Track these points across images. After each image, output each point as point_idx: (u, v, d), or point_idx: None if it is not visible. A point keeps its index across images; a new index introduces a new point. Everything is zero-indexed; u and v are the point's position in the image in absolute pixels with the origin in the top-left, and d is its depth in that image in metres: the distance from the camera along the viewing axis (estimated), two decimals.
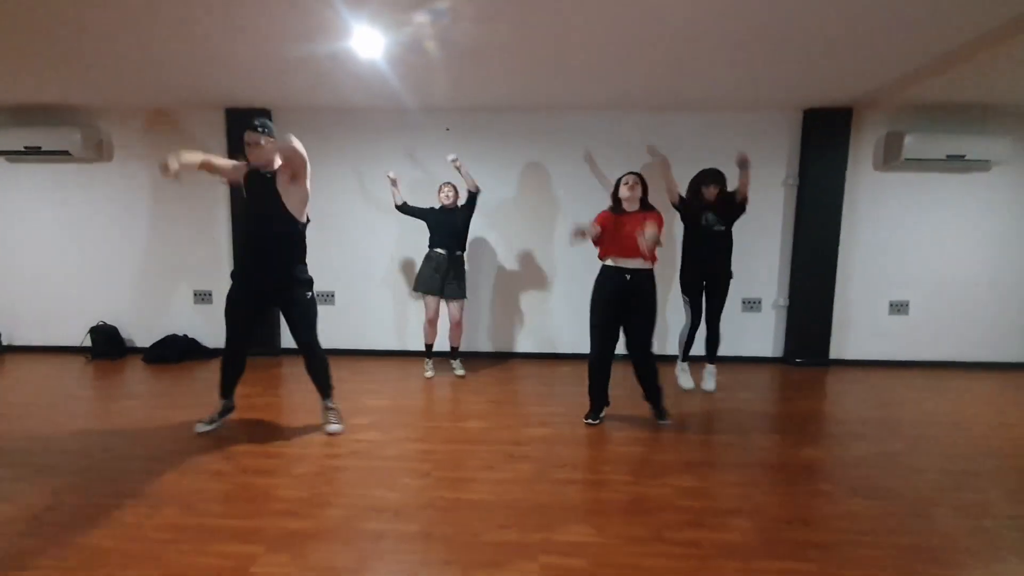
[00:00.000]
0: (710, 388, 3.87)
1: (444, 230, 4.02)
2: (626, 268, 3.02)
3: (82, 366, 4.57)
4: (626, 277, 3.01)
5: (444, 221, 4.03)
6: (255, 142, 2.75)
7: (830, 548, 1.95)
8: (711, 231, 3.68)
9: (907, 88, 4.01)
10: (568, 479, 2.48)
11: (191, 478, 2.44)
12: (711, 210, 3.67)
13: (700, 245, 3.74)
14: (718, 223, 3.68)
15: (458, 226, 4.05)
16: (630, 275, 3.01)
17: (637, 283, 3.03)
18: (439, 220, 4.04)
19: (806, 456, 2.80)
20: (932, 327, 4.76)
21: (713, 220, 3.68)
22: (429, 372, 4.24)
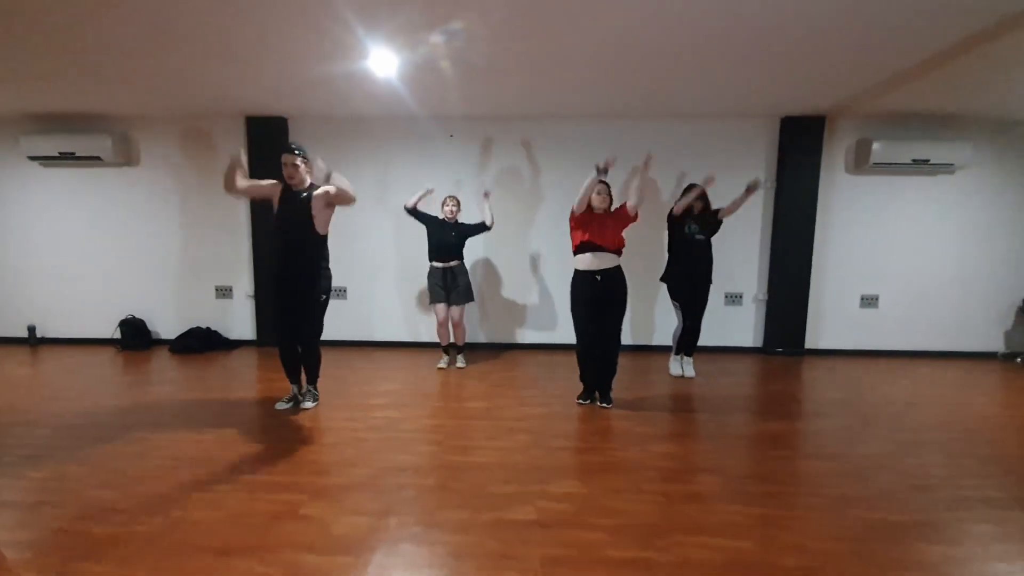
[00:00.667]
0: (690, 374, 4.28)
1: (441, 242, 4.34)
2: (596, 270, 3.33)
3: (113, 356, 4.94)
4: (597, 278, 3.34)
5: (442, 233, 4.34)
6: (292, 163, 3.17)
7: (778, 496, 2.34)
8: (693, 240, 4.06)
9: (875, 98, 4.37)
10: (560, 447, 2.87)
11: (232, 446, 2.81)
12: (695, 220, 4.06)
13: (684, 253, 4.11)
14: (700, 232, 4.05)
15: (454, 240, 4.36)
16: (600, 276, 3.34)
17: (607, 282, 3.35)
18: (437, 232, 4.35)
19: (772, 429, 3.18)
20: (900, 319, 5.15)
21: (695, 230, 4.06)
22: (441, 364, 4.60)
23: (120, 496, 2.28)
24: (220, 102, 4.61)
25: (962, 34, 3.07)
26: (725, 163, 4.99)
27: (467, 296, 4.44)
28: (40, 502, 2.24)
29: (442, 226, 4.39)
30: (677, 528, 2.07)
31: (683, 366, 4.30)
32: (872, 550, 1.95)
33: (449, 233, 4.36)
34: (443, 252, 4.36)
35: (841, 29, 3.02)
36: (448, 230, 4.37)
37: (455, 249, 4.38)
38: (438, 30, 3.04)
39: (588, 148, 5.00)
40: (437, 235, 4.38)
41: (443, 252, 4.36)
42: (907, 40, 3.17)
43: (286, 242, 3.29)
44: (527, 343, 5.29)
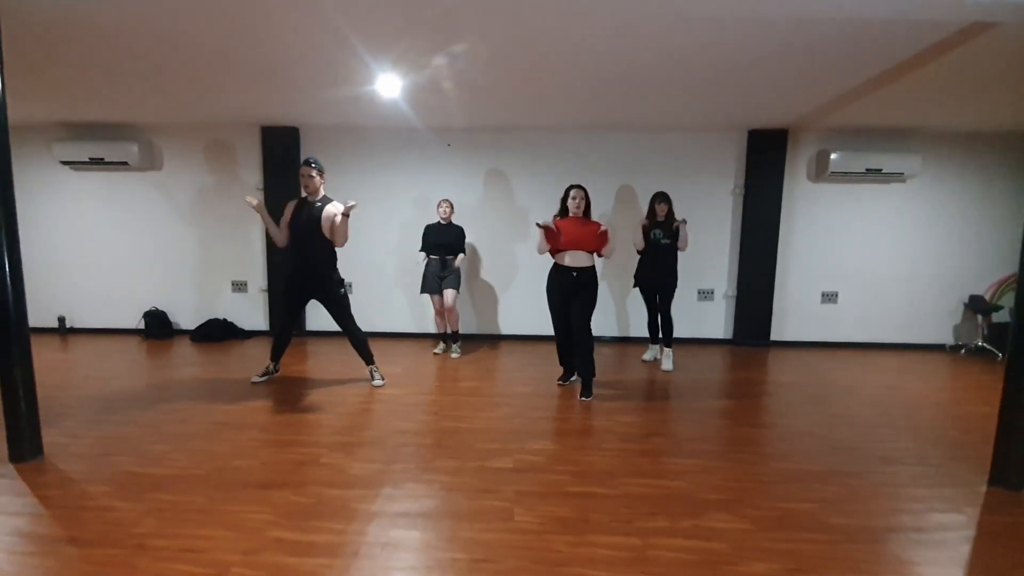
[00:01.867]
0: (667, 368, 4.61)
1: (438, 243, 4.85)
2: (574, 267, 3.74)
3: (138, 344, 5.42)
4: (573, 275, 3.75)
5: (439, 236, 4.87)
6: (308, 175, 3.67)
7: (713, 454, 2.83)
8: (659, 244, 4.51)
9: (833, 112, 4.82)
10: (539, 416, 3.37)
11: (258, 414, 3.31)
12: (659, 226, 4.52)
13: (650, 255, 4.56)
14: (664, 237, 4.51)
15: (450, 240, 4.87)
16: (577, 273, 3.74)
17: (581, 279, 3.71)
18: (436, 233, 4.89)
19: (723, 405, 3.68)
20: (857, 314, 5.66)
21: (660, 235, 4.51)
22: (438, 350, 5.11)
23: (173, 449, 2.77)
24: (237, 113, 5.08)
25: (909, 53, 3.37)
26: (697, 172, 5.50)
27: (455, 284, 4.88)
28: (106, 453, 2.72)
29: (437, 229, 4.90)
30: (627, 474, 2.57)
31: (661, 359, 4.68)
32: (781, 489, 2.45)
33: (446, 232, 4.87)
34: (441, 248, 4.86)
35: (800, 52, 3.35)
36: (444, 231, 4.88)
37: (453, 246, 4.88)
38: (441, 53, 3.47)
39: (572, 157, 5.50)
40: (436, 236, 4.89)
41: (441, 248, 4.86)
42: (859, 61, 3.51)
43: (299, 247, 3.77)
44: (518, 334, 5.78)
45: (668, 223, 4.52)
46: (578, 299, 3.75)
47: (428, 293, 4.95)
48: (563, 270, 3.81)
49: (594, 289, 3.79)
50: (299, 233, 3.76)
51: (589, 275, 3.79)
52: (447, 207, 4.88)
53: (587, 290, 3.76)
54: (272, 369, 4.07)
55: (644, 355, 4.89)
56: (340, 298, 3.89)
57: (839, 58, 3.53)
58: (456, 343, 5.10)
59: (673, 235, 4.52)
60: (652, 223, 4.55)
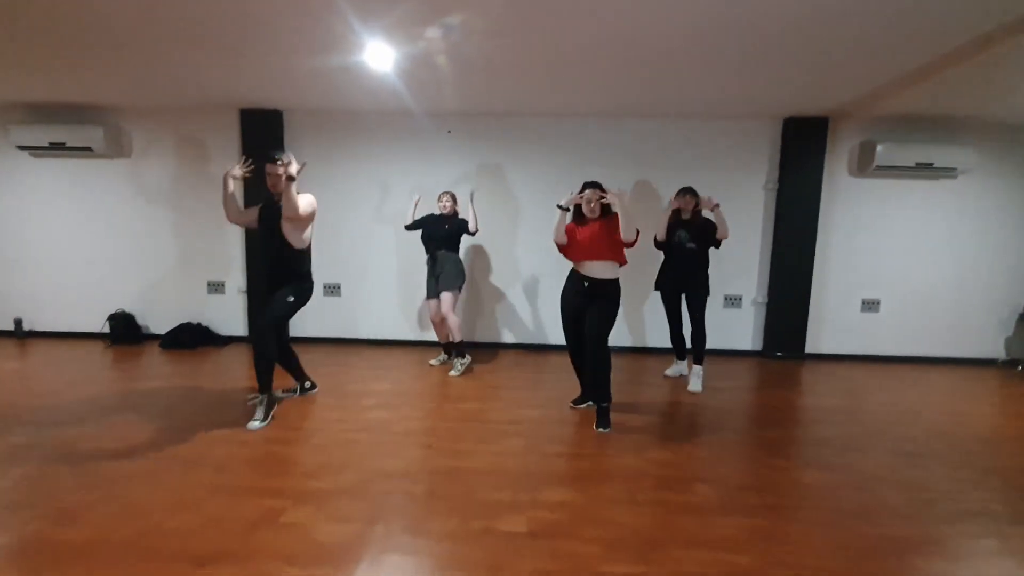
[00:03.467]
0: (695, 389, 3.91)
1: (435, 237, 4.27)
2: (586, 276, 3.17)
3: (102, 351, 4.86)
4: (584, 284, 3.17)
5: (436, 228, 4.29)
6: (275, 172, 3.09)
7: (776, 509, 2.27)
8: (683, 248, 3.88)
9: (879, 100, 4.30)
10: (555, 452, 2.80)
11: (221, 446, 2.74)
12: (684, 226, 3.90)
13: (673, 261, 3.96)
14: (689, 240, 3.87)
15: (448, 234, 4.29)
16: (588, 283, 3.16)
17: (595, 289, 3.13)
18: (431, 226, 4.31)
19: (770, 437, 3.12)
20: (900, 325, 5.09)
21: (685, 237, 3.88)
22: (435, 361, 4.53)
23: (100, 498, 2.21)
24: (213, 94, 4.52)
25: (968, 36, 2.99)
26: (725, 164, 4.93)
27: (453, 281, 4.22)
28: (20, 504, 2.16)
29: (436, 221, 4.34)
30: (673, 541, 2.01)
31: (688, 377, 4.08)
32: (872, 568, 1.89)
33: (442, 226, 4.30)
34: (433, 242, 4.29)
35: (846, 30, 2.94)
36: (441, 223, 4.31)
37: (445, 241, 4.30)
38: (436, 24, 2.96)
39: (587, 147, 4.94)
40: (430, 229, 4.32)
41: (433, 242, 4.29)
42: (913, 41, 3.10)
43: (266, 250, 3.22)
44: (523, 343, 5.22)
45: (695, 223, 3.92)
46: (594, 307, 3.15)
47: (428, 298, 4.38)
48: (575, 276, 3.26)
49: (614, 300, 3.19)
50: (264, 239, 3.22)
51: (607, 286, 3.19)
52: (448, 200, 4.32)
53: (604, 299, 3.17)
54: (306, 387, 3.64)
55: (667, 370, 4.33)
56: (284, 297, 3.17)
57: (893, 37, 3.04)
58: (461, 359, 4.31)
59: (700, 238, 3.90)
60: (676, 221, 3.95)
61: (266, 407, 3.13)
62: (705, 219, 3.94)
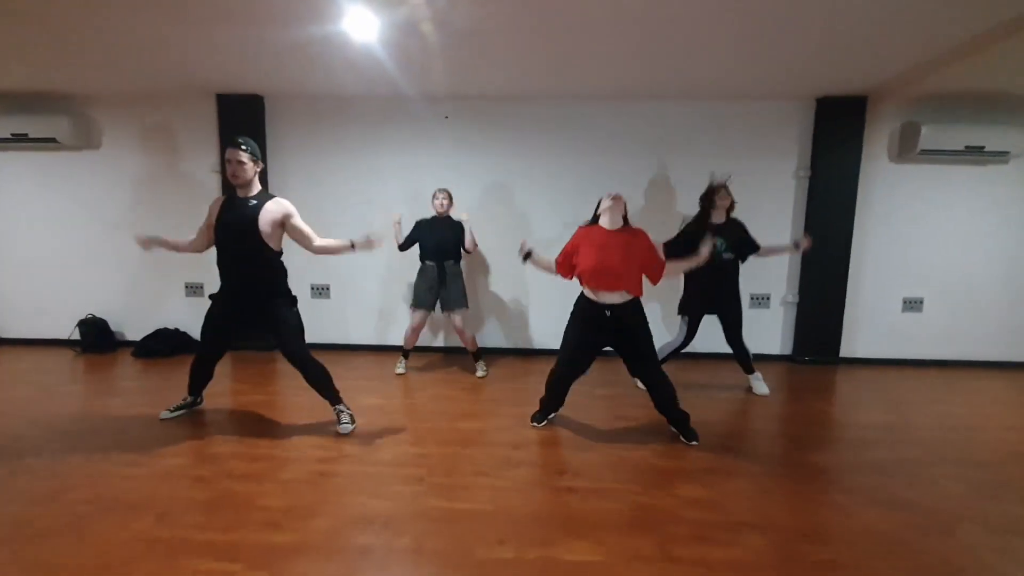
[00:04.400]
0: (763, 391, 3.66)
1: (434, 241, 3.86)
2: (606, 304, 2.70)
3: (71, 360, 4.46)
4: (606, 313, 2.70)
5: (434, 232, 3.87)
6: (236, 160, 2.67)
7: (846, 568, 1.82)
8: (719, 259, 3.33)
9: (925, 76, 3.82)
10: (568, 487, 2.36)
11: (171, 484, 2.32)
12: (720, 232, 3.36)
13: (705, 273, 3.24)
14: (727, 250, 3.36)
15: (448, 237, 3.86)
16: (610, 311, 2.70)
17: (620, 318, 2.70)
18: (430, 231, 3.89)
19: (819, 462, 2.67)
20: (946, 325, 4.61)
21: (722, 246, 3.35)
22: (400, 369, 4.12)
23: (14, 556, 1.79)
24: (187, 77, 4.08)
25: None
26: (752, 150, 4.45)
27: (458, 301, 3.90)
28: None
29: (433, 224, 3.90)
30: None
31: (752, 383, 3.67)
32: None
33: (443, 230, 3.87)
34: (439, 250, 3.86)
35: None
36: (441, 227, 3.87)
37: (451, 246, 3.87)
38: None
39: (598, 131, 4.47)
40: (430, 234, 3.88)
41: (439, 250, 3.86)
42: (962, 10, 2.67)
43: (232, 258, 2.79)
44: (526, 348, 4.77)
45: (731, 228, 3.41)
46: (629, 347, 2.75)
47: (415, 307, 3.95)
48: (590, 305, 2.76)
49: (644, 328, 2.75)
50: (228, 240, 2.77)
51: (630, 311, 2.72)
52: (444, 199, 3.87)
53: (636, 333, 2.73)
54: (191, 402, 3.20)
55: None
56: (290, 321, 2.85)
57: (937, 5, 2.63)
58: (481, 361, 4.12)
59: (738, 246, 3.40)
60: (707, 227, 3.38)
61: (348, 412, 2.98)
62: (737, 221, 3.46)
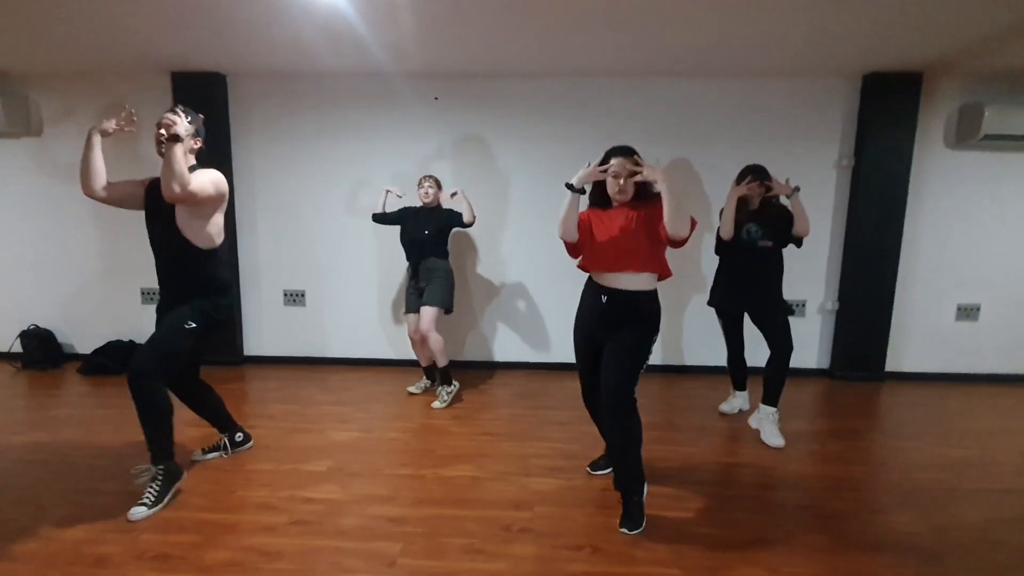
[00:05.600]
0: (775, 443, 2.83)
1: (417, 242, 3.34)
2: (604, 287, 2.14)
3: (11, 376, 3.92)
4: (601, 299, 2.14)
5: (415, 224, 3.37)
6: (169, 124, 2.07)
7: None
8: (754, 247, 2.86)
9: (990, 51, 3.32)
10: (586, 571, 1.80)
11: (62, 570, 1.76)
12: (754, 219, 2.86)
13: (737, 264, 2.95)
14: (763, 237, 2.84)
15: (428, 231, 3.33)
16: (607, 296, 2.12)
17: (615, 308, 2.12)
18: (410, 224, 3.39)
19: (882, 523, 2.12)
20: (1006, 335, 4.05)
21: (756, 233, 2.84)
22: (414, 389, 3.61)
23: None
24: (138, 53, 3.52)
25: None
26: (787, 136, 3.88)
27: (440, 297, 3.30)
28: None
29: (416, 217, 3.39)
30: None
31: (762, 422, 2.96)
32: None
33: (423, 225, 3.34)
34: (415, 248, 3.35)
35: None
36: (422, 221, 3.35)
37: (429, 244, 3.33)
38: None
39: (609, 113, 3.90)
40: (409, 229, 3.38)
41: (415, 248, 3.35)
42: None
43: (159, 250, 2.27)
44: (525, 362, 4.22)
45: (768, 214, 2.88)
46: (616, 339, 2.10)
47: (406, 312, 3.46)
48: (590, 288, 2.24)
49: (648, 326, 2.12)
50: (157, 233, 2.25)
51: (638, 302, 2.11)
52: (430, 186, 3.33)
53: (632, 324, 2.10)
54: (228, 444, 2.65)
55: (723, 405, 3.32)
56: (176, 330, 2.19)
57: None
58: (446, 386, 3.44)
59: (777, 234, 2.86)
60: (741, 213, 2.90)
61: (160, 485, 2.15)
62: (779, 207, 2.91)
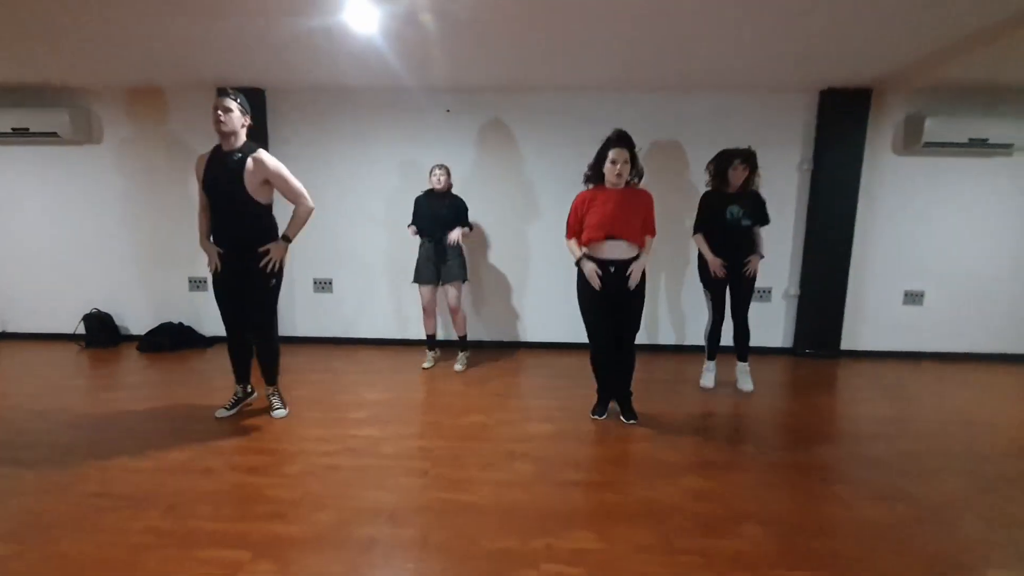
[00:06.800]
0: (747, 388, 3.59)
1: (430, 216, 3.87)
2: (608, 260, 2.79)
3: (76, 354, 4.48)
4: (610, 269, 2.79)
5: (432, 208, 3.89)
6: (223, 106, 2.64)
7: (848, 562, 1.84)
8: (738, 227, 3.40)
9: (930, 68, 3.81)
10: (571, 480, 2.38)
11: (178, 477, 2.34)
12: (737, 202, 3.40)
13: (724, 241, 3.45)
14: (744, 217, 3.38)
15: (445, 213, 3.87)
16: (614, 267, 2.78)
17: (623, 275, 2.80)
18: (428, 206, 3.91)
19: (820, 456, 2.68)
20: (948, 318, 4.62)
21: (739, 214, 3.38)
22: (427, 363, 4.13)
23: (21, 551, 1.81)
24: (187, 70, 4.08)
25: None
26: (755, 142, 4.34)
27: (457, 273, 3.89)
28: None
29: (429, 199, 3.90)
30: None
31: (737, 376, 3.67)
32: None
33: (441, 205, 3.87)
34: (436, 226, 3.86)
35: None
36: (440, 202, 3.88)
37: (449, 222, 3.87)
38: None
39: (597, 124, 4.44)
40: (428, 210, 3.89)
41: (436, 226, 3.86)
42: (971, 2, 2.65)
43: (220, 214, 2.78)
44: (534, 341, 4.79)
45: (748, 196, 3.42)
46: (625, 312, 2.83)
47: (419, 283, 3.95)
48: (598, 263, 2.82)
49: (642, 292, 2.83)
50: (216, 198, 2.76)
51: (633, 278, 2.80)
52: (442, 174, 3.87)
53: (635, 295, 2.82)
54: (242, 394, 3.15)
55: (703, 379, 3.76)
56: (266, 288, 2.87)
57: None
58: (463, 352, 4.12)
59: (755, 214, 3.44)
60: (722, 195, 3.44)
61: (280, 397, 3.13)
62: (755, 192, 3.47)
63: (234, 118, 2.66)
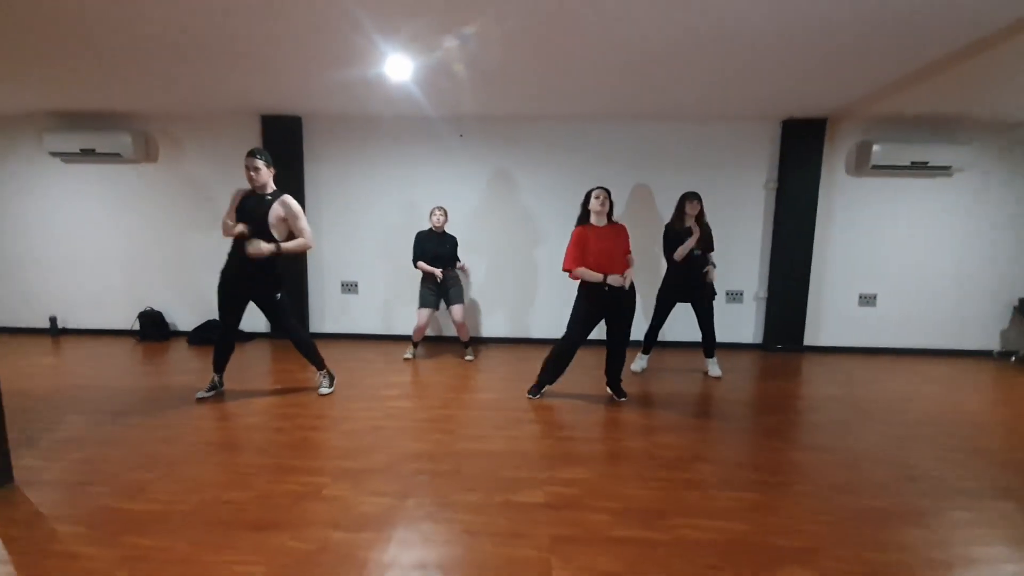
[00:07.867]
0: (716, 374, 4.30)
1: (433, 253, 4.50)
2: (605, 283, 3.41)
3: (132, 347, 5.11)
4: (606, 288, 3.41)
5: (435, 245, 4.52)
6: (254, 167, 3.32)
7: (771, 485, 2.49)
8: (693, 256, 4.07)
9: (877, 101, 4.46)
10: (568, 436, 3.02)
11: (259, 432, 2.98)
12: (691, 232, 4.04)
13: (683, 270, 4.09)
14: (696, 248, 4.06)
15: (447, 249, 4.55)
16: (610, 288, 3.41)
17: (618, 294, 3.42)
18: (431, 243, 4.52)
19: (768, 422, 3.33)
20: (897, 317, 5.28)
21: (696, 250, 4.07)
22: (408, 355, 4.75)
23: (158, 476, 2.45)
24: (236, 101, 4.75)
25: (965, 39, 3.11)
26: (726, 165, 5.13)
27: (459, 296, 4.60)
28: (83, 482, 2.40)
29: (431, 237, 4.55)
30: (677, 512, 2.23)
31: (708, 366, 4.34)
32: (859, 533, 2.10)
33: (444, 243, 4.56)
34: (438, 260, 4.51)
35: (843, 36, 3.09)
36: (441, 241, 4.55)
37: (450, 259, 4.58)
38: (453, 33, 3.14)
39: (591, 148, 5.14)
40: (432, 247, 4.52)
41: (438, 260, 4.51)
42: (910, 44, 3.22)
43: (240, 242, 3.37)
44: (535, 338, 5.44)
45: (701, 231, 4.08)
46: (620, 321, 3.56)
47: (423, 307, 4.57)
48: (594, 287, 3.45)
49: (633, 304, 3.55)
50: (243, 223, 3.37)
51: (626, 290, 3.46)
52: (441, 215, 4.55)
53: (628, 308, 3.53)
54: (217, 383, 3.68)
55: (634, 365, 4.43)
56: (275, 303, 3.53)
57: (886, 42, 3.22)
58: (467, 348, 4.83)
59: (707, 243, 4.11)
60: (682, 228, 4.10)
61: (329, 377, 3.77)
62: (706, 225, 4.13)
63: (262, 174, 3.33)
